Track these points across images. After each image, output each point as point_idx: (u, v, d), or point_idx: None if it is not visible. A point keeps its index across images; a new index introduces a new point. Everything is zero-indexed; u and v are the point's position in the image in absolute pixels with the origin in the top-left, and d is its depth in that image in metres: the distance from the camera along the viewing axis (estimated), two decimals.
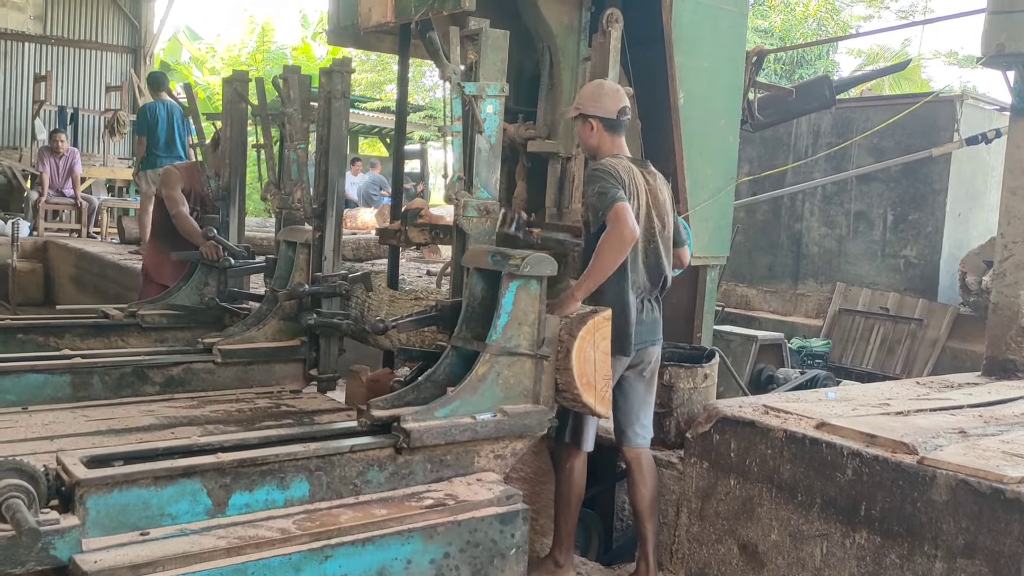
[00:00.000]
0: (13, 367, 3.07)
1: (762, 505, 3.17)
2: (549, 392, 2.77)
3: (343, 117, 3.41)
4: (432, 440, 2.55)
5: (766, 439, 3.14)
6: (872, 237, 10.43)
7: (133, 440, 2.80)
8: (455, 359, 2.78)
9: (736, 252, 9.15)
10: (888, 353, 9.97)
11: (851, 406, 3.44)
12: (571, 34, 3.92)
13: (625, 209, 3.02)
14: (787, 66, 14.28)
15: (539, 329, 2.73)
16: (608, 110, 3.30)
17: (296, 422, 3.09)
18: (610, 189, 3.09)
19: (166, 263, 4.86)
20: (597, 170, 3.24)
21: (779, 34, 14.49)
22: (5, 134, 14.06)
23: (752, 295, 11.62)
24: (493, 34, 2.79)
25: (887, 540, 2.80)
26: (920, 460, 2.75)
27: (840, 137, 10.63)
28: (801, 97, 6.30)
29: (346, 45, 4.58)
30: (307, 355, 3.50)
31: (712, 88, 4.28)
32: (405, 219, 3.51)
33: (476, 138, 2.81)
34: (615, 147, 3.35)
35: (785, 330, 9.07)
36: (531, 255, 2.68)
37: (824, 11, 14.81)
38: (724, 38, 4.33)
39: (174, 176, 4.75)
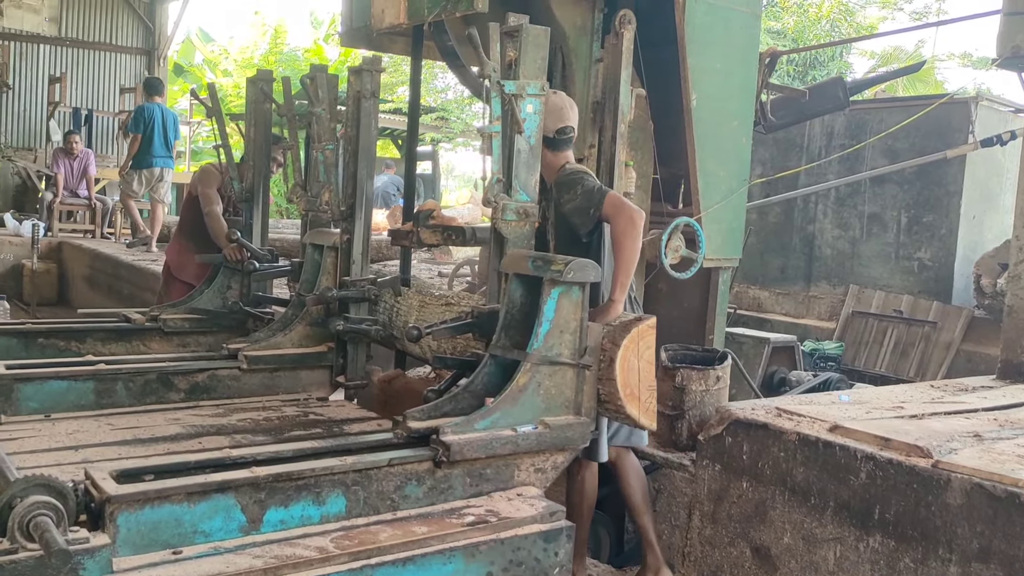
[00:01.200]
0: (36, 374, 2.95)
1: (775, 508, 3.13)
2: (591, 403, 2.64)
3: (372, 117, 3.28)
4: (472, 453, 2.42)
5: (779, 442, 3.09)
6: (886, 239, 10.31)
7: (160, 450, 2.68)
8: (493, 368, 2.65)
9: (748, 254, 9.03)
10: (902, 356, 9.85)
11: (865, 409, 3.39)
12: (583, 36, 3.86)
13: (617, 195, 2.91)
14: (800, 68, 14.12)
15: (581, 337, 2.60)
16: (545, 128, 3.07)
17: (326, 432, 2.96)
18: (592, 184, 2.98)
19: (190, 262, 4.75)
20: (568, 176, 3.09)
21: (792, 35, 14.34)
22: (20, 135, 13.98)
23: (764, 297, 11.51)
24: (534, 31, 2.66)
25: (901, 544, 2.75)
26: (935, 464, 2.71)
27: (854, 139, 10.53)
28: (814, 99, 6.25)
29: (359, 47, 4.53)
30: (334, 361, 3.37)
31: (725, 90, 4.24)
32: (417, 220, 3.42)
33: (515, 139, 2.67)
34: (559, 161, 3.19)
35: (798, 332, 8.97)
36: (574, 260, 2.55)
37: (837, 12, 14.64)
38: (737, 39, 4.28)
39: (212, 175, 4.64)
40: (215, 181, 4.62)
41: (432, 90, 16.86)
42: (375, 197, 12.96)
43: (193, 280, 4.79)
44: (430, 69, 14.91)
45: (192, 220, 4.81)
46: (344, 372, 3.36)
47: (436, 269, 8.68)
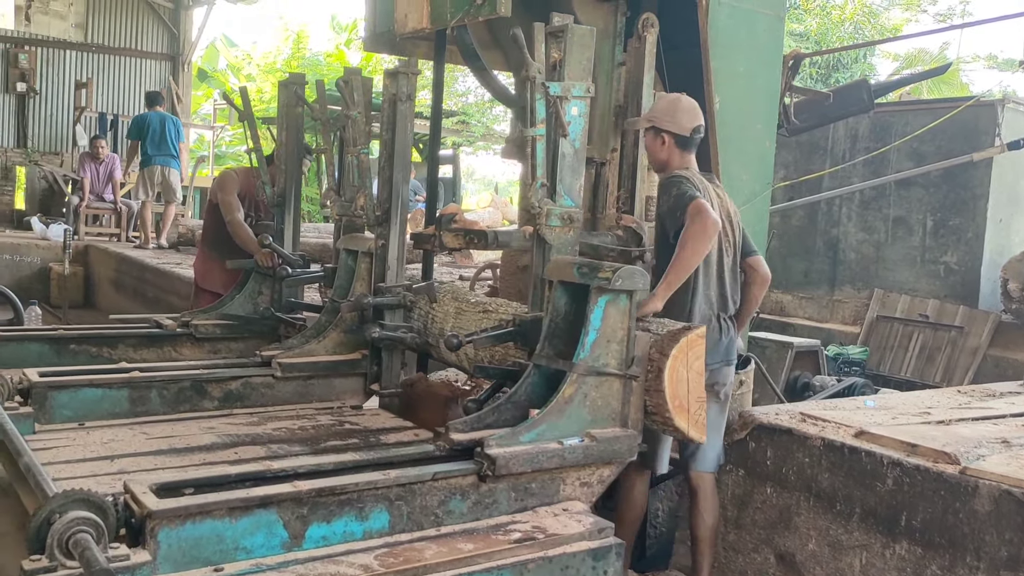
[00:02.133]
0: (70, 381, 2.89)
1: (800, 514, 3.09)
2: (638, 415, 2.54)
3: (408, 120, 3.19)
4: (518, 467, 2.33)
5: (803, 447, 3.05)
6: (911, 243, 10.17)
7: (196, 460, 2.61)
8: (537, 378, 2.55)
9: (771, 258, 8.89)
10: (928, 361, 9.70)
11: (890, 415, 3.34)
12: (606, 39, 3.82)
13: (704, 204, 2.95)
14: (823, 70, 13.94)
15: (628, 347, 2.50)
16: (682, 127, 3.24)
17: (362, 442, 2.88)
18: (688, 190, 3.03)
19: (215, 270, 4.68)
20: (671, 178, 3.17)
21: (815, 38, 14.15)
22: (47, 140, 14.05)
23: (787, 301, 11.37)
24: (579, 31, 2.56)
25: (928, 551, 2.70)
26: (962, 470, 2.66)
27: (879, 141, 10.40)
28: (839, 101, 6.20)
29: (382, 51, 4.48)
30: (368, 369, 3.29)
31: (748, 92, 4.22)
32: (440, 224, 3.35)
33: (560, 142, 2.58)
34: (684, 163, 3.29)
35: (821, 337, 8.85)
36: (622, 267, 2.45)
37: (861, 14, 14.44)
38: (760, 42, 4.23)
39: (231, 180, 4.55)
40: (235, 186, 4.53)
41: (453, 94, 16.81)
42: None
43: (219, 289, 4.71)
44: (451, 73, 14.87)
45: (215, 228, 4.73)
46: (378, 380, 3.27)
47: (457, 272, 8.61)
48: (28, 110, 13.84)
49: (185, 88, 14.94)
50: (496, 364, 2.99)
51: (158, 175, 10.57)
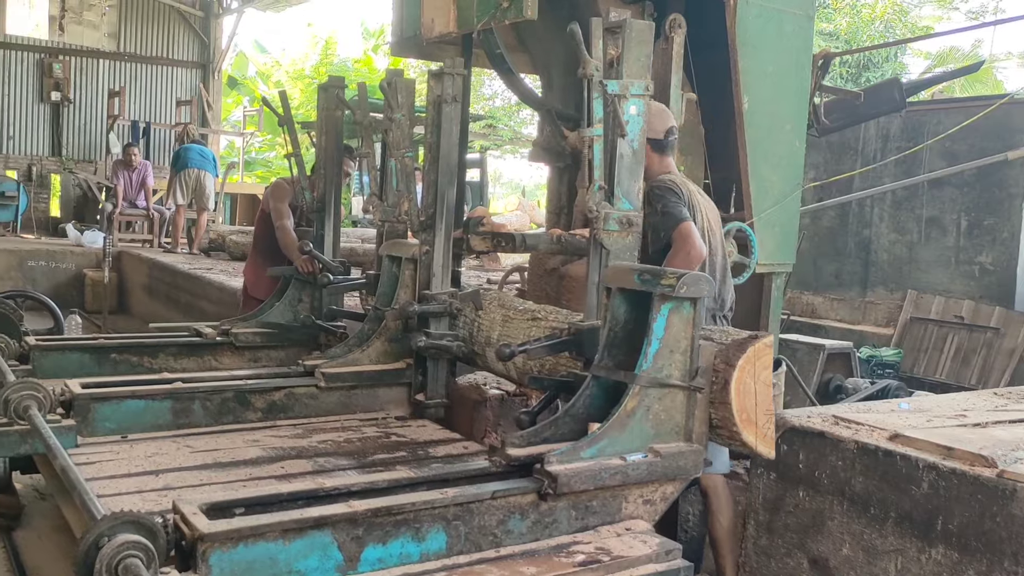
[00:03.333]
0: (113, 393, 2.79)
1: (833, 518, 3.00)
2: (703, 429, 2.39)
3: (454, 122, 3.07)
4: (580, 485, 2.18)
5: (837, 451, 2.96)
6: (945, 243, 9.95)
7: (242, 475, 2.50)
8: (596, 390, 2.41)
9: (802, 259, 8.73)
10: (963, 363, 9.48)
11: (925, 417, 3.24)
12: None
13: (691, 228, 2.95)
14: (853, 69, 13.67)
15: (692, 357, 2.35)
16: (655, 130, 3.13)
17: (410, 455, 2.75)
18: (673, 208, 3.00)
19: (264, 278, 4.62)
20: (656, 188, 3.10)
21: (844, 37, 13.89)
22: (81, 148, 14.12)
23: (818, 303, 11.17)
24: (637, 26, 2.42)
25: (965, 556, 2.61)
26: (1000, 473, 2.56)
27: (911, 141, 10.19)
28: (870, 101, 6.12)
29: (409, 56, 4.43)
30: (413, 379, 3.16)
31: (777, 93, 4.15)
32: (468, 227, 3.25)
33: (618, 142, 2.44)
34: (664, 167, 3.22)
35: (853, 339, 8.69)
36: (687, 273, 2.30)
37: (891, 13, 14.15)
38: (790, 42, 4.15)
39: (283, 189, 4.53)
40: (287, 195, 4.50)
41: (480, 97, 16.72)
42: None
43: (264, 296, 4.65)
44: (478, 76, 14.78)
45: (265, 237, 4.68)
46: (423, 390, 3.15)
47: (485, 276, 8.49)
48: (62, 119, 13.92)
49: (215, 95, 14.97)
50: (547, 374, 2.85)
51: (193, 178, 10.64)
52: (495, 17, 3.25)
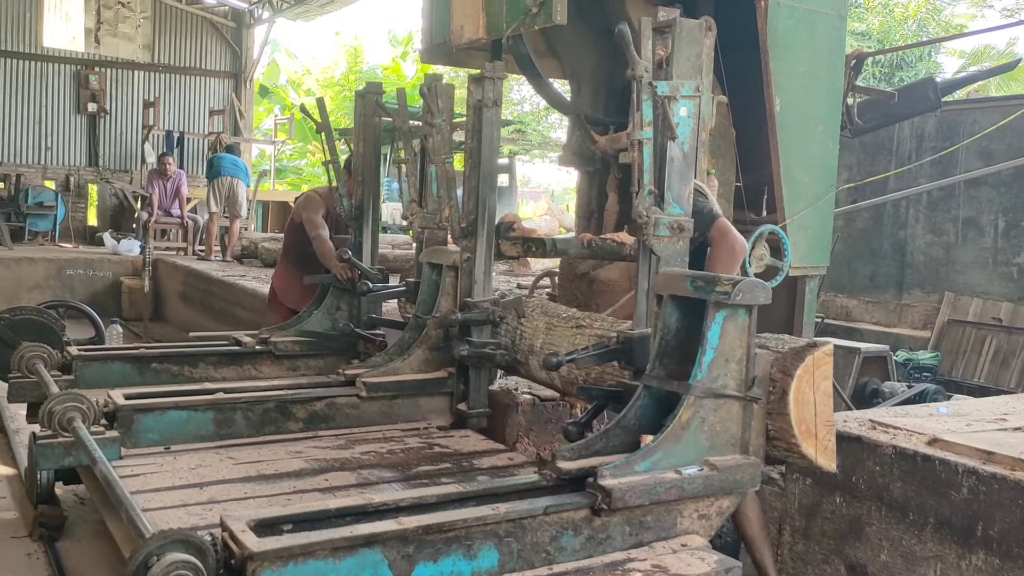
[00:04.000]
0: (155, 404, 2.75)
1: (871, 524, 2.95)
2: (760, 440, 2.29)
3: (494, 127, 3.00)
4: (635, 500, 2.10)
5: (874, 455, 2.91)
6: (983, 244, 9.73)
7: (286, 488, 2.44)
8: (647, 401, 2.32)
9: (836, 262, 8.58)
10: (1002, 366, 9.26)
11: (964, 421, 3.19)
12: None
13: (727, 222, 2.84)
14: (886, 69, 13.43)
15: (748, 367, 2.26)
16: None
17: (455, 467, 2.68)
18: (705, 205, 2.87)
19: (294, 287, 4.60)
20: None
21: (877, 36, 13.65)
22: (117, 158, 14.29)
23: (853, 306, 10.98)
24: (687, 25, 2.33)
25: (1006, 562, 2.56)
26: None
27: (946, 141, 10.00)
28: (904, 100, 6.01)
29: (438, 63, 4.42)
30: (455, 388, 3.09)
31: (810, 94, 4.08)
32: (498, 232, 3.18)
33: (668, 145, 2.35)
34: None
35: (889, 342, 8.50)
36: (742, 280, 2.21)
37: (924, 11, 13.88)
38: (822, 42, 4.08)
39: (315, 201, 4.52)
40: (319, 207, 4.48)
41: (509, 102, 16.68)
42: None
43: (295, 305, 4.63)
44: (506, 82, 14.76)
45: (296, 245, 4.67)
46: (465, 399, 3.07)
47: (515, 281, 8.41)
48: (99, 130, 14.09)
49: (247, 104, 15.07)
50: (593, 383, 2.76)
51: (226, 186, 10.73)
52: (524, 23, 3.21)
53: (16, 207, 12.42)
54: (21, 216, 12.46)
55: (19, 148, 13.70)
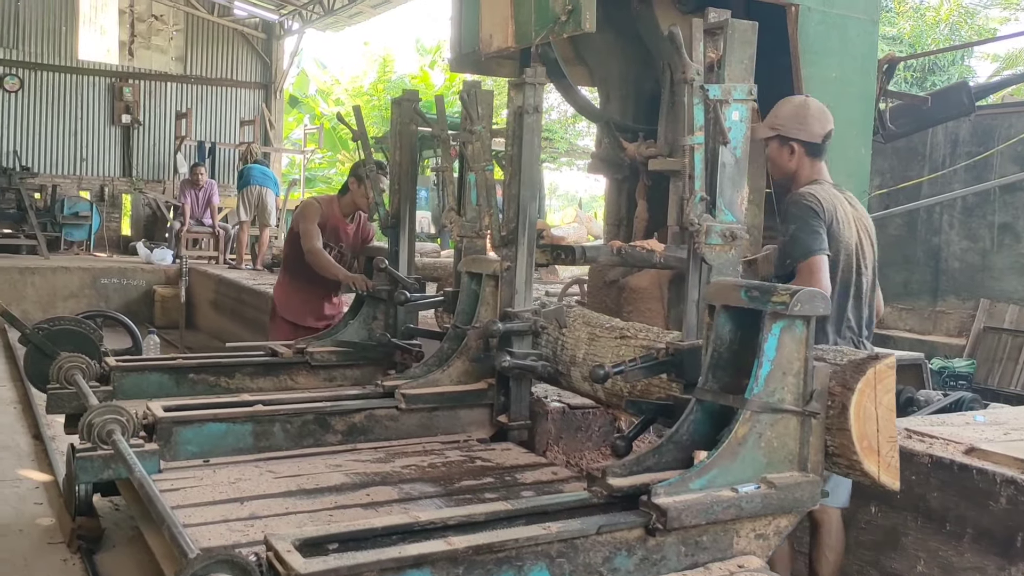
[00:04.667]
0: (195, 416, 2.70)
1: (907, 535, 2.90)
2: (818, 457, 2.18)
3: (535, 133, 2.92)
4: (691, 519, 2.00)
5: (910, 465, 2.85)
6: (1019, 250, 9.53)
7: (327, 503, 2.37)
8: (700, 415, 2.22)
9: None
10: None
11: (1002, 430, 3.14)
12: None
13: (820, 264, 2.68)
14: (918, 74, 13.20)
15: (806, 380, 2.15)
16: (813, 133, 2.92)
17: (498, 481, 2.60)
18: (806, 234, 2.73)
19: (294, 300, 4.54)
20: (797, 203, 2.83)
21: (908, 40, 13.42)
22: (150, 168, 14.43)
23: (886, 313, 10.74)
24: (740, 26, 2.24)
25: None
26: None
27: (981, 146, 9.81)
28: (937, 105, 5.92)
29: (467, 71, 4.40)
30: (495, 399, 3.01)
31: (841, 99, 3.98)
32: None
33: (720, 151, 2.26)
34: (814, 173, 2.96)
35: (924, 350, 8.31)
36: (800, 290, 2.11)
37: (957, 15, 13.62)
38: (854, 47, 4.00)
39: (312, 209, 4.41)
40: (316, 215, 4.38)
41: None
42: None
43: (296, 318, 4.57)
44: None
45: (295, 257, 4.56)
46: (506, 411, 2.99)
47: (543, 288, 8.33)
48: (132, 141, 14.24)
49: (277, 114, 15.16)
50: (639, 396, 2.67)
51: (255, 195, 10.79)
52: (553, 31, 3.16)
53: (52, 217, 12.57)
54: (57, 226, 12.60)
55: (55, 159, 13.87)
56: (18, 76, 13.52)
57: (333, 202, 4.56)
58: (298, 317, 4.61)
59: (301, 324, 4.55)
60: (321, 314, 4.65)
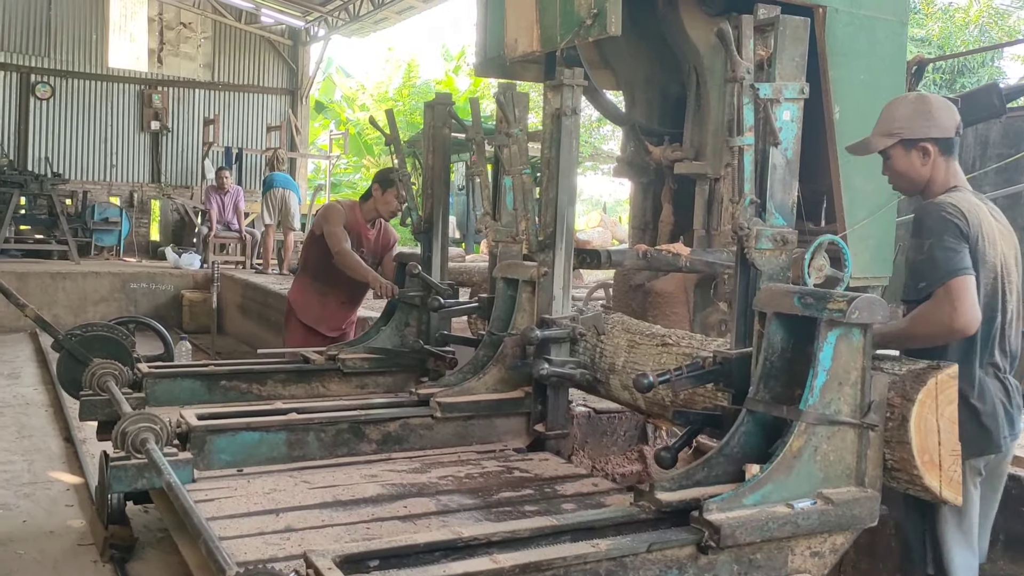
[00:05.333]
0: (228, 425, 2.65)
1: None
2: (876, 471, 2.08)
3: (573, 136, 2.84)
4: (745, 537, 1.91)
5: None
6: None
7: (364, 515, 2.30)
8: (751, 427, 2.13)
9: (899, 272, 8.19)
10: None
11: None
12: (718, 54, 3.50)
13: (965, 288, 2.19)
14: (947, 75, 12.94)
15: (864, 391, 2.05)
16: (945, 127, 2.44)
17: (537, 493, 2.51)
18: (945, 253, 2.23)
19: (313, 302, 4.45)
20: (933, 214, 2.31)
21: (937, 42, 13.18)
22: (178, 174, 14.50)
23: None
24: (791, 23, 2.15)
25: None
26: None
27: (1012, 148, 9.51)
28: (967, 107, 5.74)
29: (492, 76, 4.35)
30: (532, 408, 2.93)
31: (870, 101, 3.84)
32: None
33: (770, 152, 2.16)
34: (951, 176, 2.46)
35: None
36: (858, 296, 2.00)
37: (987, 16, 13.35)
38: (882, 49, 3.87)
39: (337, 213, 4.33)
40: (340, 218, 4.31)
41: None
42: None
43: (314, 323, 4.49)
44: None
45: (315, 259, 4.49)
46: (543, 420, 2.90)
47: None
48: (161, 147, 14.32)
49: (303, 120, 15.19)
50: (682, 405, 2.58)
51: (279, 198, 10.83)
52: (578, 35, 3.09)
53: (83, 223, 12.66)
54: (88, 232, 12.69)
55: (86, 166, 13.99)
56: (50, 84, 13.65)
57: (355, 207, 4.48)
58: (315, 321, 4.52)
59: (316, 329, 4.48)
60: (336, 325, 4.57)
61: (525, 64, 4.14)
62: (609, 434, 3.77)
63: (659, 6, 3.82)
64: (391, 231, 4.65)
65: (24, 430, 5.36)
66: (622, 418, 3.78)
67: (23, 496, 4.07)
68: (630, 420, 3.80)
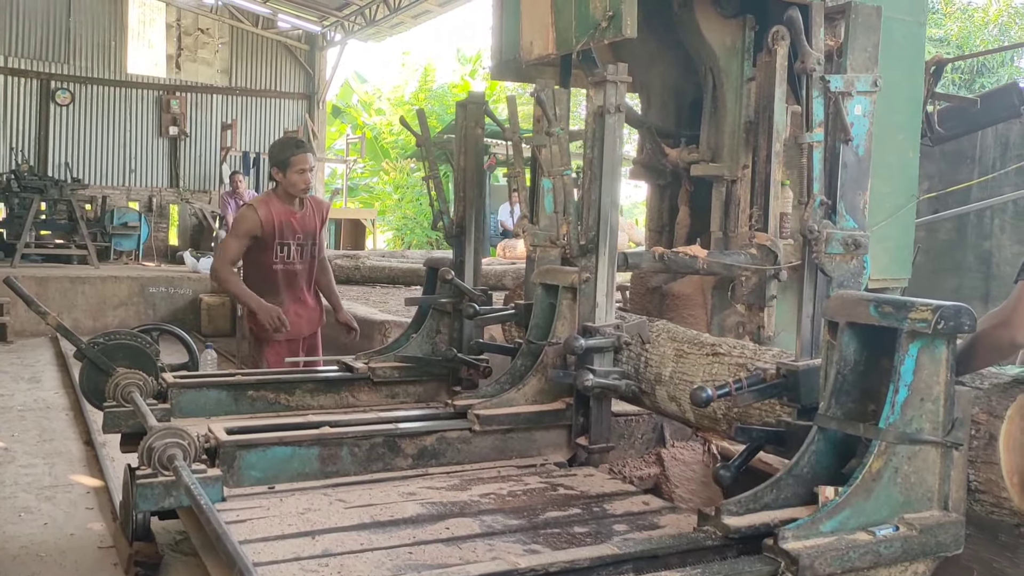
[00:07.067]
0: (259, 440, 2.48)
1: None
2: (960, 494, 1.90)
3: (617, 134, 2.66)
4: (825, 568, 1.73)
5: None
6: None
7: (405, 538, 2.13)
8: (822, 446, 1.95)
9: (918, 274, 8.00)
10: None
11: None
12: (734, 55, 3.43)
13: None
14: (967, 75, 12.70)
15: (947, 407, 1.87)
16: None
17: (586, 513, 2.34)
18: None
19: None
20: None
21: (956, 42, 12.93)
22: (196, 179, 14.41)
23: None
24: (864, 11, 1.97)
25: None
26: None
27: None
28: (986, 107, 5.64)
29: (508, 79, 4.21)
30: (573, 420, 2.75)
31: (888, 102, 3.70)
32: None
33: (841, 149, 1.98)
34: None
35: None
36: (944, 305, 1.82)
37: (1006, 15, 13.09)
38: (900, 49, 3.79)
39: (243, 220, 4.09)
40: (246, 226, 4.07)
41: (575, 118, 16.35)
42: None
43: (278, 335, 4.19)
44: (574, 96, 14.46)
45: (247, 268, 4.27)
46: (586, 433, 2.73)
47: None
48: (179, 152, 14.24)
49: (320, 125, 15.08)
50: (737, 419, 2.39)
51: None
52: (594, 37, 2.96)
53: (102, 227, 12.56)
54: (107, 236, 12.60)
55: (105, 171, 13.92)
56: (69, 90, 13.58)
57: (269, 201, 4.17)
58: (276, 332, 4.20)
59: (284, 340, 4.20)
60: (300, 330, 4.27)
61: (541, 67, 4.02)
62: (626, 437, 3.63)
63: (674, 8, 3.70)
64: (320, 200, 4.41)
65: (45, 433, 5.25)
66: (639, 421, 3.64)
67: (44, 499, 3.96)
68: (647, 423, 3.66)
